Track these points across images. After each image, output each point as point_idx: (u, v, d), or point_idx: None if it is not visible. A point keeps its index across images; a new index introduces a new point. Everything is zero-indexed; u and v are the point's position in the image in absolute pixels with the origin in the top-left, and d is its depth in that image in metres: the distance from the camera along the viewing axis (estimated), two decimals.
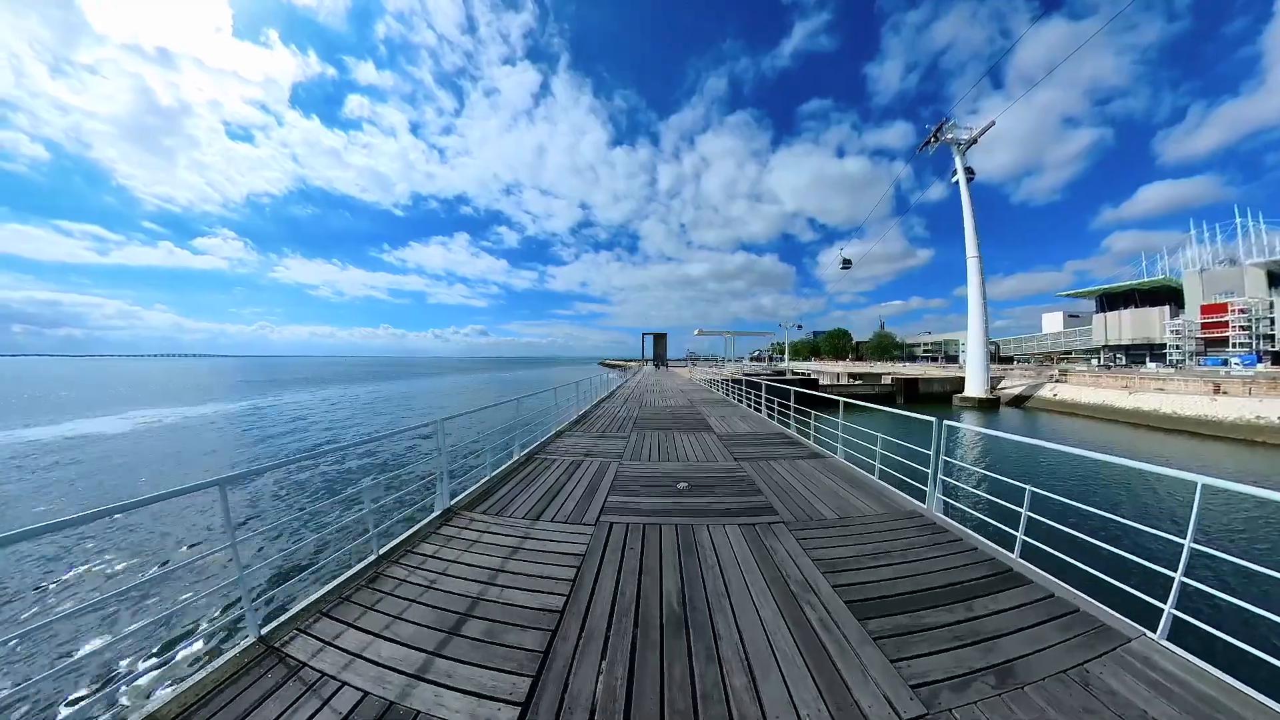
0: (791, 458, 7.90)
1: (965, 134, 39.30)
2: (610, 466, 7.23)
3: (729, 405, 16.66)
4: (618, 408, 15.44)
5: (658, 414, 13.88)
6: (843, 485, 6.22)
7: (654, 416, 13.28)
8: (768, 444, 9.16)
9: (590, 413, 14.14)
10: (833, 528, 4.73)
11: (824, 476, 6.67)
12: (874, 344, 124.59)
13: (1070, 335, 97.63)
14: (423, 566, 3.94)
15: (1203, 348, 66.62)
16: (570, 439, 9.67)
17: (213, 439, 23.48)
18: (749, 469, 7.08)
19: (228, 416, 31.45)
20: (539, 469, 7.11)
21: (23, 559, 9.10)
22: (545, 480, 6.49)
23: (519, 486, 6.16)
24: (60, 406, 36.01)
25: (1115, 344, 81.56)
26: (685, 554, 4.11)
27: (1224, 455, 20.64)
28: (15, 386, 59.61)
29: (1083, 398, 34.15)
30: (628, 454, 8.18)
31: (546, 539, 4.48)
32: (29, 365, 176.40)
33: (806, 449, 8.66)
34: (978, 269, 37.13)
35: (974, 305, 37.03)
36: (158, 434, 24.56)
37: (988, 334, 36.82)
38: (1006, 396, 38.08)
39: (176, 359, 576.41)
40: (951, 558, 4.00)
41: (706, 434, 10.31)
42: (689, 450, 8.57)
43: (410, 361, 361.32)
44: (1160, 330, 73.89)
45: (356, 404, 39.87)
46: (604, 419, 12.77)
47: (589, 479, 6.51)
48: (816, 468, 7.19)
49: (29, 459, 17.88)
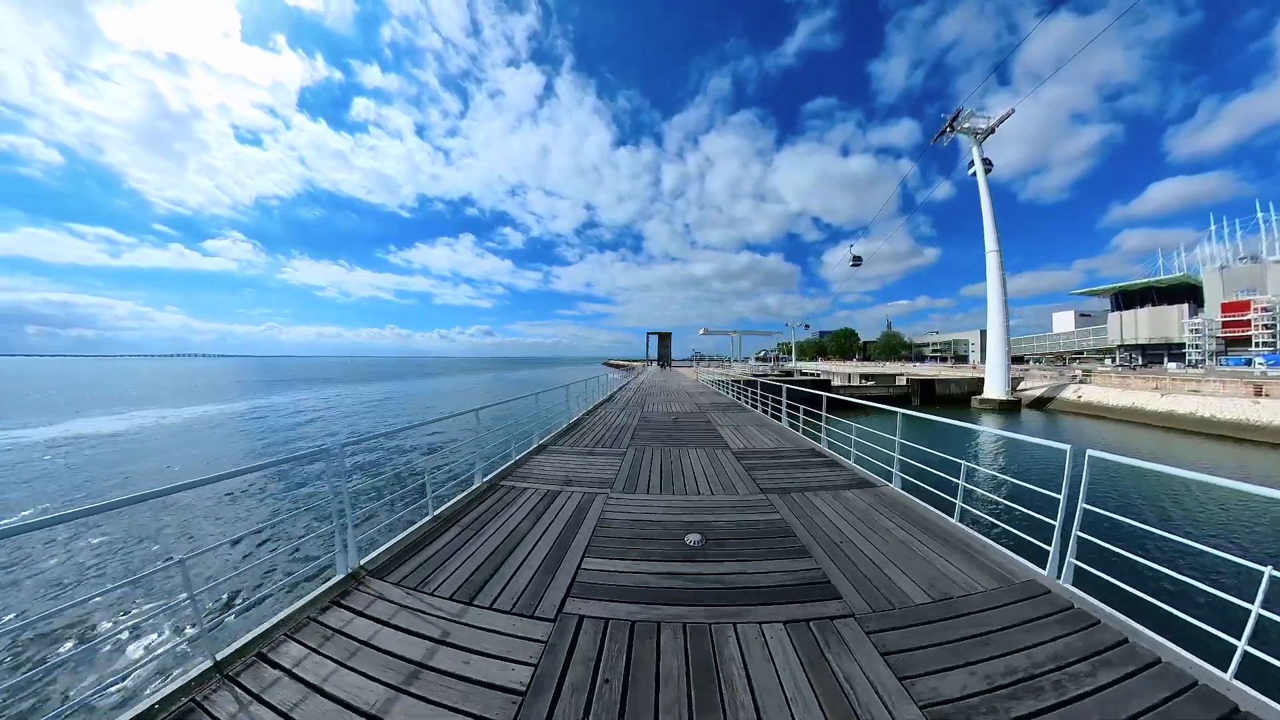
0: (833, 486, 6.15)
1: (982, 123, 37.46)
2: (595, 502, 5.52)
3: (741, 410, 14.93)
4: (615, 414, 13.73)
5: (661, 422, 12.19)
6: (916, 534, 4.50)
7: (657, 425, 11.55)
8: (798, 464, 7.42)
9: (584, 420, 12.47)
10: (930, 625, 3.00)
11: (885, 518, 4.96)
12: (881, 344, 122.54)
13: (1084, 335, 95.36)
14: (281, 682, 2.46)
15: (1223, 347, 64.50)
16: (552, 457, 7.99)
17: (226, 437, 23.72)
18: (782, 506, 5.35)
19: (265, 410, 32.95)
20: (500, 504, 5.45)
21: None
22: (502, 525, 4.82)
23: (464, 537, 4.49)
24: (103, 402, 35.67)
25: (1131, 343, 79.37)
26: (699, 685, 2.45)
27: (1277, 464, 18.83)
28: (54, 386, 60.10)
29: (1110, 400, 32.25)
30: (620, 480, 6.47)
31: (475, 645, 2.83)
32: (48, 366, 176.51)
33: (849, 473, 6.88)
34: (997, 264, 35.23)
35: (994, 302, 35.12)
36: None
37: (1008, 333, 34.94)
38: (1027, 398, 36.20)
39: (187, 359, 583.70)
40: (1137, 682, 2.39)
41: (720, 450, 8.54)
42: (700, 474, 6.82)
43: (416, 361, 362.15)
44: (1179, 329, 71.73)
45: (388, 402, 40.09)
46: (598, 428, 11.09)
47: (563, 524, 4.82)
48: (870, 503, 5.47)
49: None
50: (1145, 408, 29.79)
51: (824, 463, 7.53)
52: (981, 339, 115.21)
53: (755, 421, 12.27)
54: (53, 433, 23.66)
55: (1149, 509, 11.92)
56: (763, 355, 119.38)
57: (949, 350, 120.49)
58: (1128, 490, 13.17)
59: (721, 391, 23.15)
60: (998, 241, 35.48)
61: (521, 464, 7.37)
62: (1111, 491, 13.04)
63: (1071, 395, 34.58)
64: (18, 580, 8.32)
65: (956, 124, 37.50)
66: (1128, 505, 12.14)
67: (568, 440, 9.46)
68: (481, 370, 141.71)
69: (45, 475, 15.80)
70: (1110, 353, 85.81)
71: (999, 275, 35.13)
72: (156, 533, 10.40)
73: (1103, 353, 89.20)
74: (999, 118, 36.40)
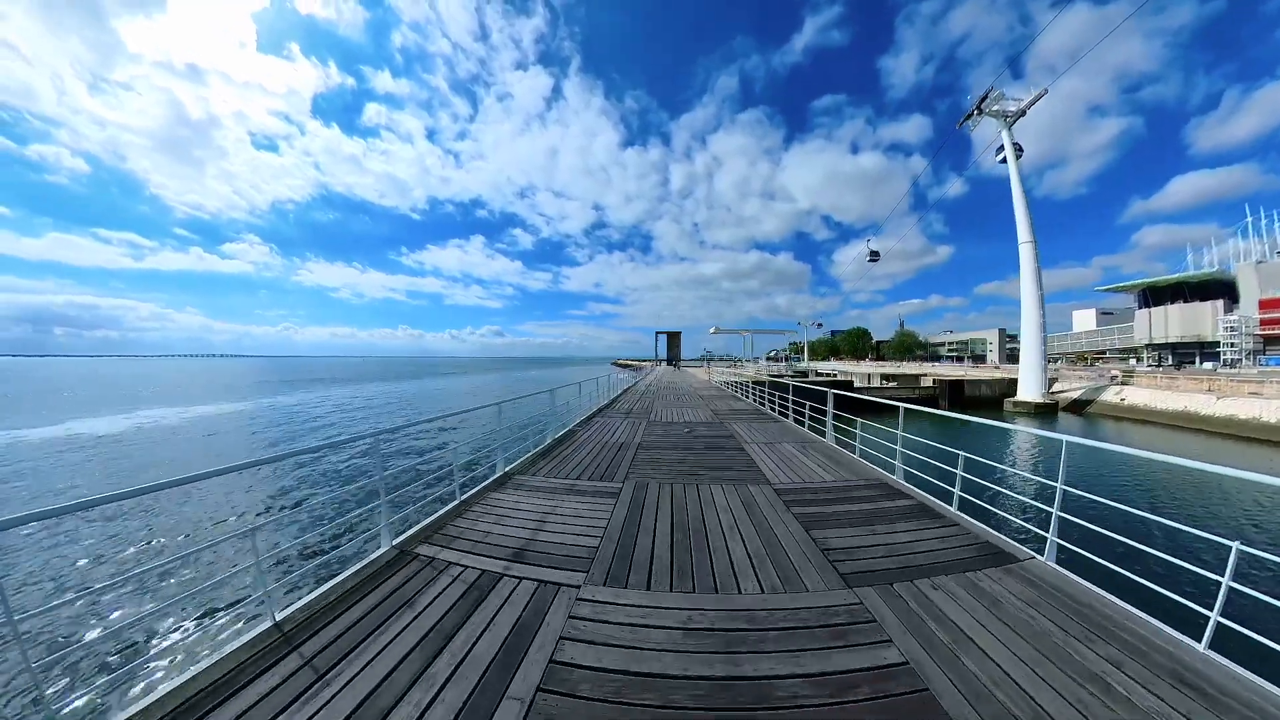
0: (951, 561, 3.84)
1: (1012, 105, 34.88)
2: (551, 613, 3.16)
3: (768, 420, 12.56)
4: (614, 427, 11.19)
5: (671, 437, 9.86)
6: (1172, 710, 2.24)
7: (665, 445, 9.08)
8: (877, 513, 5.04)
9: (571, 435, 10.09)
10: None
11: (1085, 646, 2.68)
12: (895, 343, 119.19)
13: (1107, 333, 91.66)
14: None
15: (1261, 346, 61.18)
16: (509, 499, 5.62)
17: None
18: (891, 622, 3.02)
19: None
20: (390, 609, 3.16)
21: (54, 536, 9.84)
22: (372, 673, 2.57)
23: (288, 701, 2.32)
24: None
25: (1160, 342, 75.98)
26: None
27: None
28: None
29: (1157, 403, 29.54)
30: (603, 555, 4.03)
31: None
32: (82, 366, 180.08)
33: (959, 530, 4.49)
34: (1031, 256, 32.54)
35: (1028, 297, 32.43)
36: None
37: (1044, 330, 32.26)
38: (1064, 401, 33.55)
39: (206, 359, 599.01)
40: None
41: (757, 487, 6.13)
42: (735, 543, 4.33)
43: (429, 361, 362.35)
44: (1213, 327, 68.41)
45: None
46: (586, 448, 8.70)
47: (474, 686, 2.50)
48: (1030, 599, 3.18)
49: None
50: (1200, 412, 27.07)
51: (912, 509, 5.15)
52: (1000, 338, 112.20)
53: (791, 436, 9.90)
54: (135, 421, 27.66)
55: None
56: (773, 355, 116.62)
57: (966, 350, 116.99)
58: None
59: (739, 395, 20.88)
60: (1031, 232, 32.84)
61: (463, 511, 5.10)
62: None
63: (1113, 398, 31.85)
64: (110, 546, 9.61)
65: (984, 106, 34.93)
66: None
67: (540, 470, 7.08)
68: (484, 371, 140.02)
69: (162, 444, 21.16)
70: (1134, 352, 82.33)
71: (1033, 268, 32.45)
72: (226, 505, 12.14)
73: (1126, 352, 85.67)
74: (1031, 98, 33.77)
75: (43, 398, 43.22)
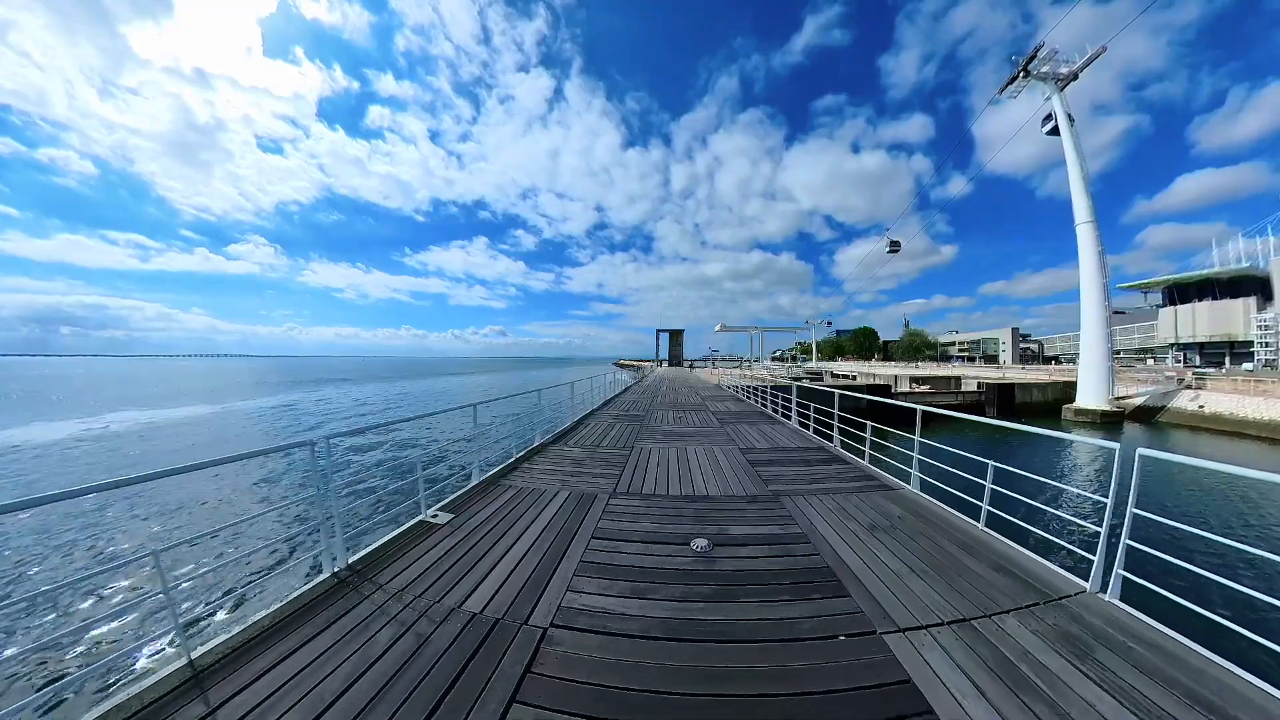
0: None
1: (1064, 67, 30.37)
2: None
3: (827, 460, 7.27)
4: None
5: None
6: None
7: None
8: None
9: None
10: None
11: None
12: (904, 343, 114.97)
13: (1126, 333, 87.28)
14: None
15: None
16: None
17: None
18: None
19: None
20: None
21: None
22: None
23: None
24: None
25: (1186, 341, 71.96)
26: None
27: None
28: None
29: (1247, 411, 25.04)
30: None
31: None
32: (98, 365, 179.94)
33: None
34: (1092, 238, 27.91)
35: (1089, 287, 27.80)
36: None
37: (1109, 325, 27.64)
38: (1128, 408, 29.01)
39: (213, 359, 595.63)
40: None
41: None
42: None
43: (432, 362, 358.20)
44: (1245, 325, 64.35)
45: None
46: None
47: None
48: None
49: None
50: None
51: None
52: (1013, 337, 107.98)
53: (847, 474, 6.12)
54: (185, 413, 28.84)
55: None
56: (779, 355, 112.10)
57: (977, 350, 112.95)
58: None
59: (754, 401, 16.07)
60: (1091, 211, 28.33)
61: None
62: None
63: (1188, 405, 27.28)
64: None
65: (1032, 67, 30.40)
66: None
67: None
68: (496, 370, 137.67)
69: None
70: (1153, 352, 78.35)
71: (1095, 253, 27.84)
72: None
73: (1144, 352, 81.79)
74: (1088, 56, 29.41)
75: (26, 400, 40.72)
